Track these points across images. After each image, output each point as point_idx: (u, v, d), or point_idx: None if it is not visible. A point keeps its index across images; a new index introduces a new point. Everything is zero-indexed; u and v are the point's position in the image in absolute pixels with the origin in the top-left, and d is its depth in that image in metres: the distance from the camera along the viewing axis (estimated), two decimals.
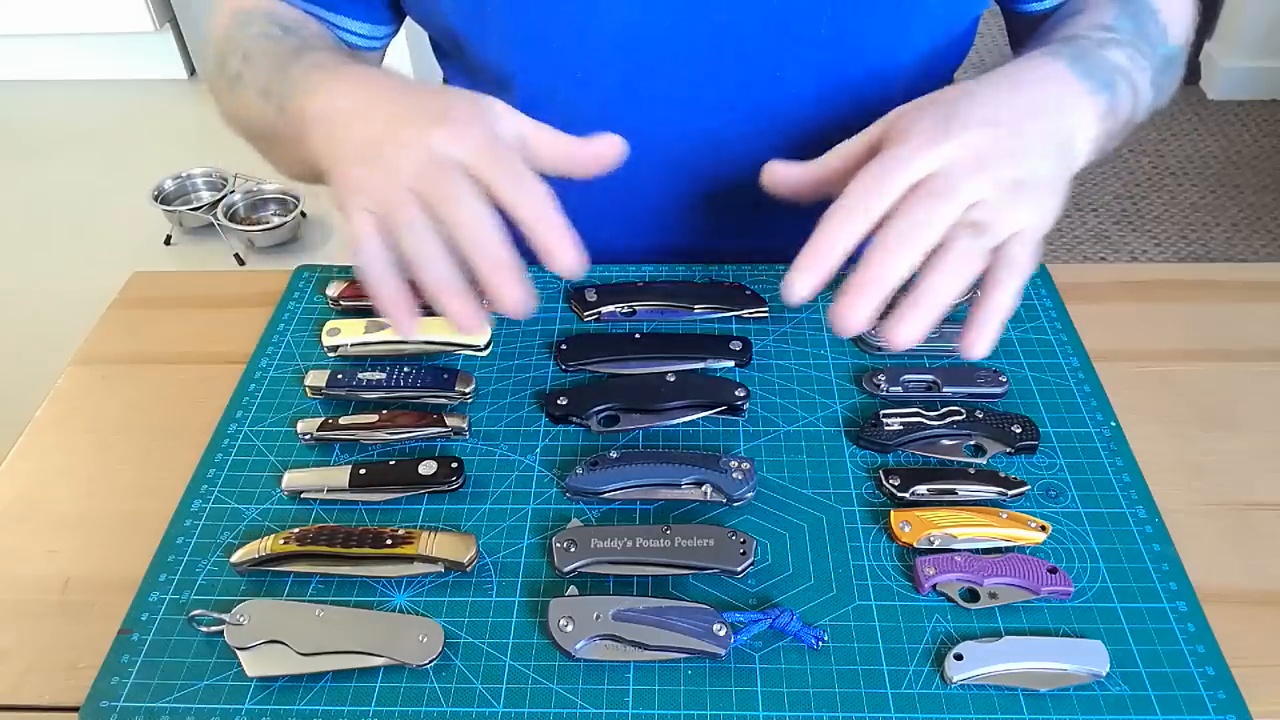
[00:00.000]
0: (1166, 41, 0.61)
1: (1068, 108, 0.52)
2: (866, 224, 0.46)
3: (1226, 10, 2.33)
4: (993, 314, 0.47)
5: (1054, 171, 0.50)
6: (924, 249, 0.45)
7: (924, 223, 0.45)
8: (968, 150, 0.47)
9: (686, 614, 0.47)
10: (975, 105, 0.50)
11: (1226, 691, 0.45)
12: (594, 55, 0.65)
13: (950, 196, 0.46)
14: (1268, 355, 0.64)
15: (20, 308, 1.97)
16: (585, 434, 0.58)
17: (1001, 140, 0.48)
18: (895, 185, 0.47)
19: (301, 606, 0.49)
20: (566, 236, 0.47)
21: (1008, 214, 0.47)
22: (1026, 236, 0.47)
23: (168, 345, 0.67)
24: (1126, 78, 0.57)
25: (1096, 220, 2.09)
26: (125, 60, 2.63)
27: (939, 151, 0.47)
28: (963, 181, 0.46)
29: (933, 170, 0.47)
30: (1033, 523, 0.52)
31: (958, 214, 0.46)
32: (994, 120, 0.49)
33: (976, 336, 0.47)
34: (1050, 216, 0.49)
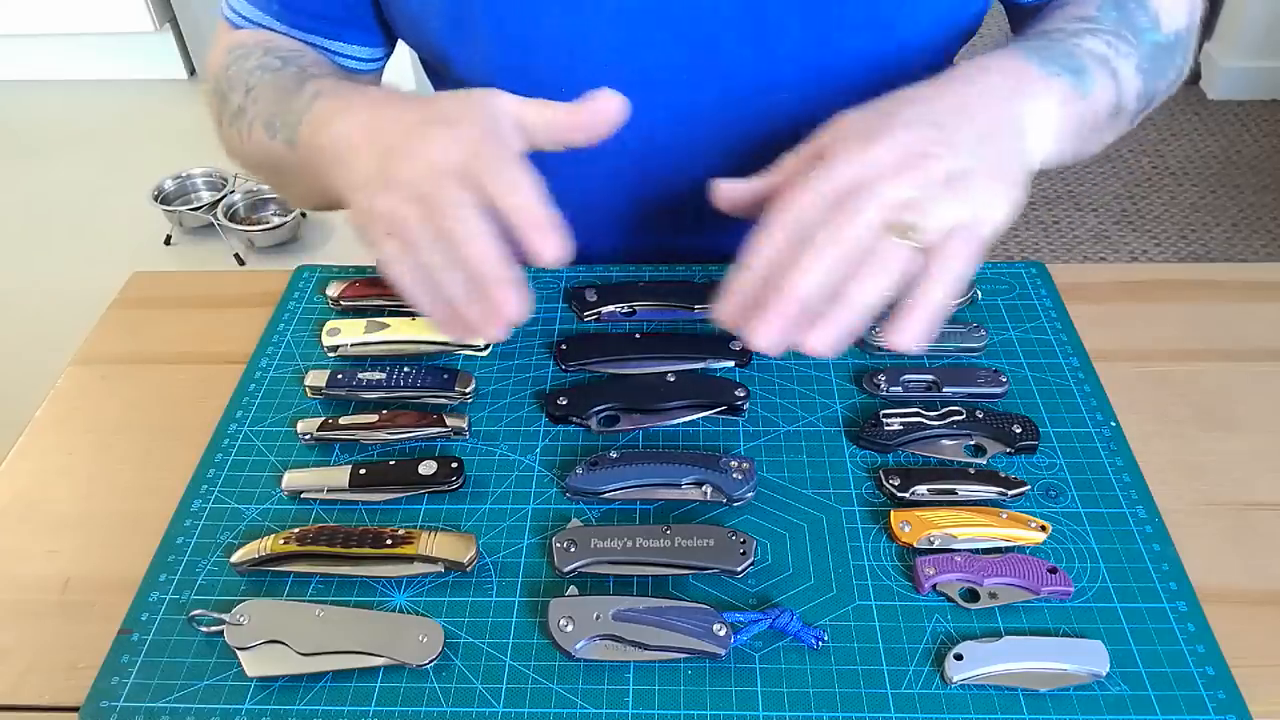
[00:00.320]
0: (1159, 29, 0.60)
1: (1020, 93, 0.51)
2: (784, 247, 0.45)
3: (1226, 10, 2.33)
4: (920, 306, 0.45)
5: (996, 162, 0.48)
6: (839, 260, 0.44)
7: (837, 234, 0.44)
8: (893, 152, 0.47)
9: (686, 614, 0.47)
10: (908, 106, 0.49)
11: (1226, 691, 0.45)
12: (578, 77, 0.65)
13: (869, 201, 0.45)
14: (1268, 355, 0.64)
15: (20, 308, 1.97)
16: (585, 434, 0.58)
17: (930, 137, 0.47)
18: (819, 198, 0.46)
19: (301, 606, 0.49)
20: (546, 224, 0.46)
21: (936, 210, 0.45)
22: (964, 231, 0.46)
23: (168, 345, 0.67)
24: (1104, 64, 0.56)
25: (1096, 220, 2.08)
26: (125, 60, 2.63)
27: (861, 160, 0.47)
28: (883, 185, 0.45)
29: (855, 179, 0.46)
30: (1033, 523, 0.52)
31: (874, 219, 0.45)
32: (923, 118, 0.48)
33: (900, 327, 0.45)
34: (996, 207, 0.47)
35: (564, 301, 0.67)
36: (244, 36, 0.68)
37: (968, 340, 0.62)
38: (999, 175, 0.48)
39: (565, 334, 0.65)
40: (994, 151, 0.49)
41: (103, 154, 2.41)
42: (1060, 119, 0.53)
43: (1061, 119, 0.53)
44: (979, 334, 0.62)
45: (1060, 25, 0.58)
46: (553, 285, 0.69)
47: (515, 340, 0.64)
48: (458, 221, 0.46)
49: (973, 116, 0.49)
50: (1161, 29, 0.61)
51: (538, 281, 0.69)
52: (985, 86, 0.51)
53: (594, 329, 0.65)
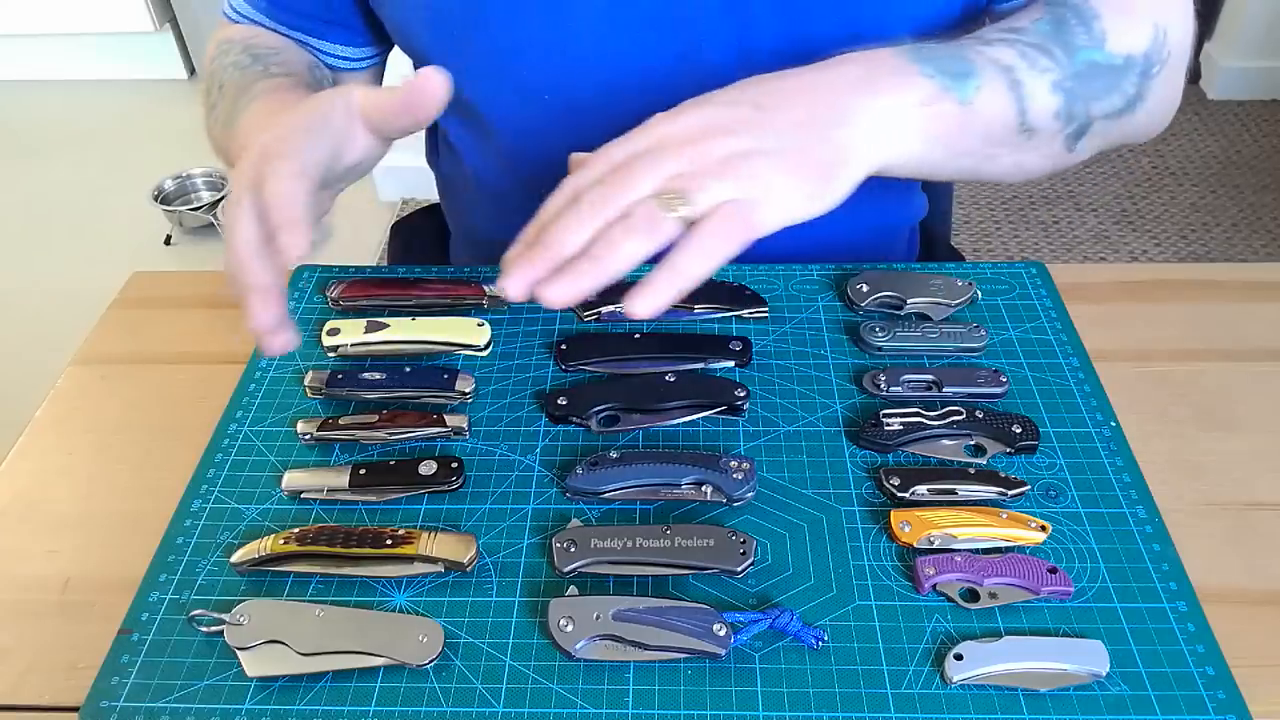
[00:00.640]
0: (1101, 48, 0.57)
1: (868, 87, 0.50)
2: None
3: (1226, 10, 2.33)
4: (664, 273, 0.44)
5: (799, 151, 0.47)
6: (601, 220, 0.45)
7: (598, 199, 0.45)
8: (687, 129, 0.47)
9: (686, 614, 0.47)
10: (749, 86, 0.50)
11: (1226, 691, 0.45)
12: (559, 81, 0.66)
13: (641, 170, 0.45)
14: (1268, 355, 0.64)
15: (20, 308, 1.97)
16: (585, 434, 0.58)
17: (736, 117, 0.47)
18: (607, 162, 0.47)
19: (301, 606, 0.49)
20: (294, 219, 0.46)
21: (707, 185, 0.45)
22: (731, 209, 0.45)
23: (168, 345, 0.67)
24: (1005, 73, 0.54)
25: (1096, 220, 2.08)
26: (125, 60, 2.63)
27: (658, 129, 0.47)
28: (661, 155, 0.46)
29: (643, 147, 0.47)
30: (1033, 523, 0.52)
31: (648, 188, 0.45)
32: (742, 99, 0.48)
33: (638, 293, 0.44)
34: (781, 196, 0.47)
35: None
36: (233, 32, 0.70)
37: (968, 340, 0.62)
38: (798, 165, 0.47)
39: (565, 334, 0.65)
40: (806, 140, 0.48)
41: (103, 154, 2.41)
42: (920, 119, 0.51)
43: (924, 120, 0.51)
44: (979, 334, 0.62)
45: (981, 33, 0.57)
46: None
47: (515, 340, 0.65)
48: (232, 219, 0.48)
49: (797, 103, 0.49)
50: (1105, 48, 0.57)
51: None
52: (833, 76, 0.51)
53: (594, 329, 0.65)
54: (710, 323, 0.65)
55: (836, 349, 0.63)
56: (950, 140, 0.53)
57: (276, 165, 0.48)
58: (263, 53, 0.66)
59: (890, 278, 0.66)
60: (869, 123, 0.50)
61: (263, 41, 0.68)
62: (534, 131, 0.69)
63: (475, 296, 0.66)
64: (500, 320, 0.66)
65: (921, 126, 0.51)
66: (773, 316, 0.65)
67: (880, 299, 0.65)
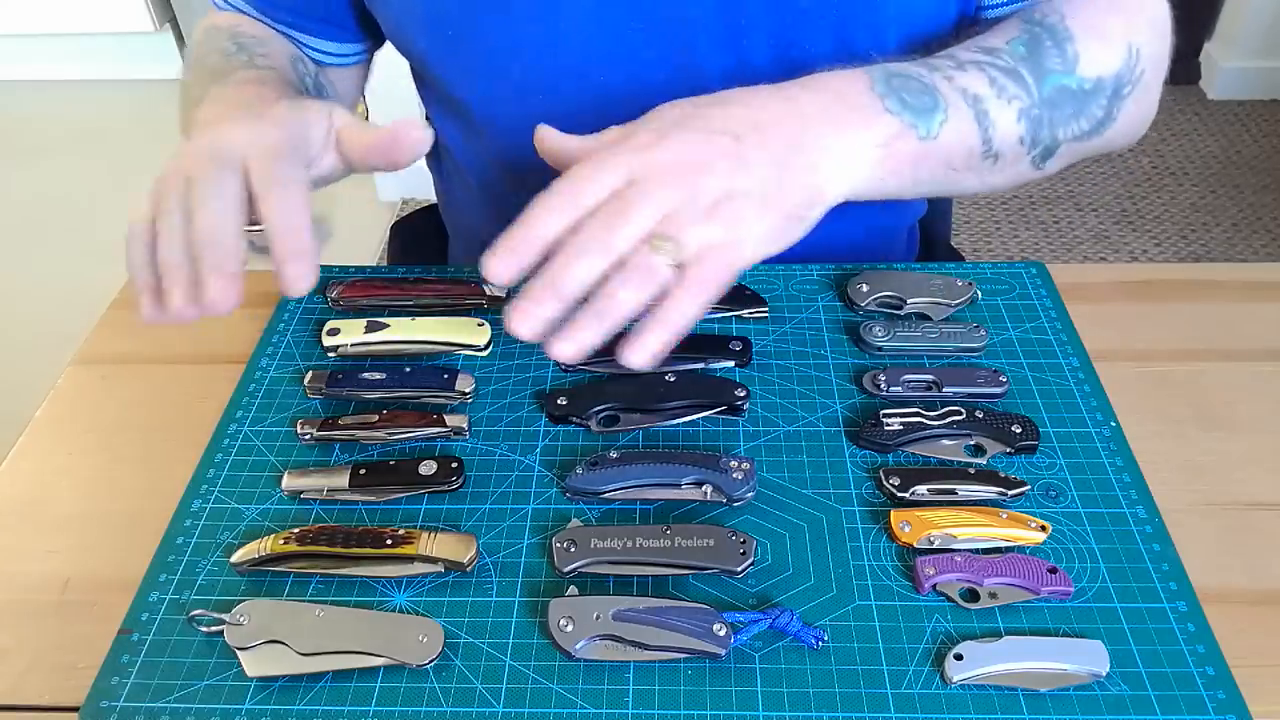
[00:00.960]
0: (1073, 73, 0.57)
1: (835, 122, 0.51)
2: (565, 220, 0.46)
3: (1226, 10, 2.33)
4: (658, 327, 0.45)
5: (772, 191, 0.48)
6: (605, 260, 0.45)
7: (605, 236, 0.45)
8: (675, 158, 0.47)
9: (686, 614, 0.47)
10: (718, 111, 0.49)
11: (1226, 691, 0.45)
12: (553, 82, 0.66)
13: (639, 207, 0.45)
14: (1268, 355, 0.63)
15: (20, 308, 1.97)
16: (585, 434, 0.58)
17: (718, 150, 0.47)
18: (597, 186, 0.46)
19: (301, 606, 0.49)
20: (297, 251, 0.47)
21: (696, 230, 0.46)
22: (715, 255, 0.46)
23: (168, 345, 0.67)
24: (973, 104, 0.54)
25: (1096, 220, 2.08)
26: (125, 60, 2.63)
27: (646, 157, 0.47)
28: (656, 192, 0.46)
29: (634, 173, 0.46)
30: (1033, 523, 0.52)
31: (643, 228, 0.45)
32: (724, 129, 0.48)
33: (635, 346, 0.45)
34: (757, 238, 0.48)
35: None
36: (221, 19, 0.69)
37: (968, 340, 0.62)
38: (775, 204, 0.48)
39: None
40: (777, 178, 0.48)
41: (103, 154, 2.41)
42: (879, 157, 0.52)
43: (881, 157, 0.52)
44: (979, 334, 0.62)
45: (956, 53, 0.57)
46: None
47: (515, 340, 0.64)
48: (205, 197, 0.47)
49: (773, 138, 0.49)
50: (1076, 72, 0.57)
51: None
52: (805, 106, 0.51)
53: None
54: (710, 323, 0.65)
55: (836, 349, 0.63)
56: (911, 172, 0.54)
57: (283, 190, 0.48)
58: (248, 42, 0.66)
59: (890, 278, 0.66)
60: (833, 160, 0.51)
61: (249, 31, 0.68)
62: (529, 132, 0.69)
63: (475, 296, 0.66)
64: (500, 320, 0.65)
65: (880, 163, 0.52)
66: (773, 316, 0.65)
67: (880, 299, 0.65)
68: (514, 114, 0.68)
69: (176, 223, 0.48)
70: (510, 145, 0.70)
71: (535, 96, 0.66)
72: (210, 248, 0.47)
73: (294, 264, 0.47)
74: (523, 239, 0.46)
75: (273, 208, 0.47)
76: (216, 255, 0.47)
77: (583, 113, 0.66)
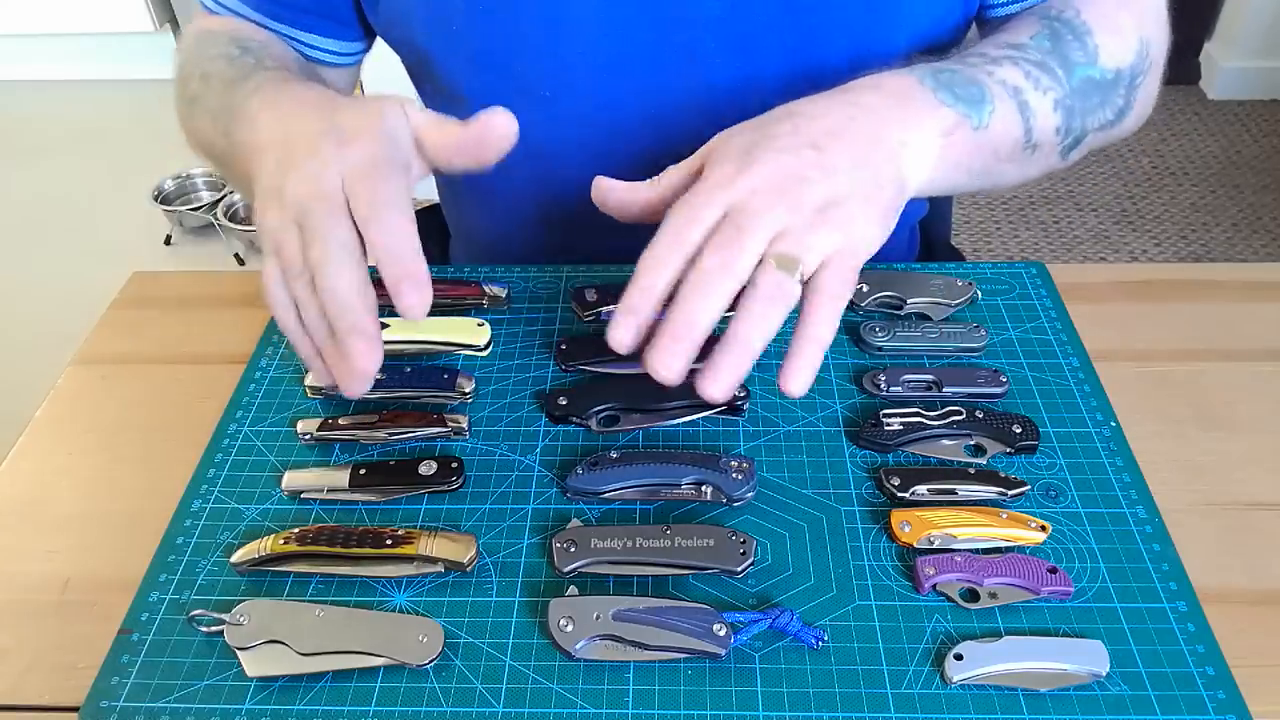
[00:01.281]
0: (1096, 64, 0.59)
1: (901, 119, 0.51)
2: (676, 269, 0.45)
3: (1226, 10, 2.33)
4: (809, 346, 0.45)
5: (869, 188, 0.48)
6: (729, 291, 0.44)
7: (723, 266, 0.44)
8: (768, 179, 0.46)
9: (686, 614, 0.47)
10: (786, 127, 0.49)
11: (1226, 691, 0.45)
12: (559, 78, 0.65)
13: (750, 233, 0.45)
14: (1268, 355, 0.63)
15: (20, 308, 1.97)
16: (585, 434, 0.58)
17: (805, 162, 0.47)
18: (699, 227, 0.46)
19: (301, 606, 0.49)
20: (411, 276, 0.45)
21: (813, 241, 0.45)
22: (838, 261, 0.46)
23: (168, 345, 0.67)
24: (1014, 95, 0.55)
25: (1096, 220, 2.09)
26: (125, 60, 2.64)
27: (737, 186, 0.46)
28: (762, 214, 0.45)
29: (732, 204, 0.46)
30: (1033, 523, 0.52)
31: (760, 248, 0.45)
32: (800, 142, 0.48)
33: (795, 371, 0.45)
34: (868, 236, 0.47)
35: (564, 301, 0.67)
36: (215, 23, 0.68)
37: (968, 340, 0.62)
38: (872, 202, 0.48)
39: (565, 334, 0.65)
40: (868, 176, 0.48)
41: (103, 154, 2.41)
42: (941, 148, 0.52)
43: (943, 148, 0.52)
44: (979, 334, 0.62)
45: (985, 49, 0.58)
46: (553, 285, 0.69)
47: (515, 340, 0.65)
48: (325, 255, 0.45)
49: (850, 139, 0.49)
50: (1099, 63, 0.59)
51: (538, 281, 0.69)
52: (867, 107, 0.51)
53: (594, 329, 0.65)
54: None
55: (836, 349, 0.63)
56: (968, 163, 0.54)
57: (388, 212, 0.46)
58: (252, 45, 0.64)
59: (890, 278, 0.66)
60: (909, 153, 0.51)
61: (249, 34, 0.66)
62: (534, 132, 0.68)
63: (475, 296, 0.66)
64: (500, 320, 0.66)
65: (943, 154, 0.52)
66: None
67: (880, 299, 0.65)
68: (516, 111, 0.68)
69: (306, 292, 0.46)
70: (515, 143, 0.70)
71: (540, 96, 0.66)
72: (342, 313, 0.45)
73: (409, 289, 0.45)
74: (639, 298, 0.45)
75: (380, 232, 0.45)
76: (350, 318, 0.45)
77: (588, 114, 0.67)
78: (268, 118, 0.52)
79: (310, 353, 0.49)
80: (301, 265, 0.46)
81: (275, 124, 0.52)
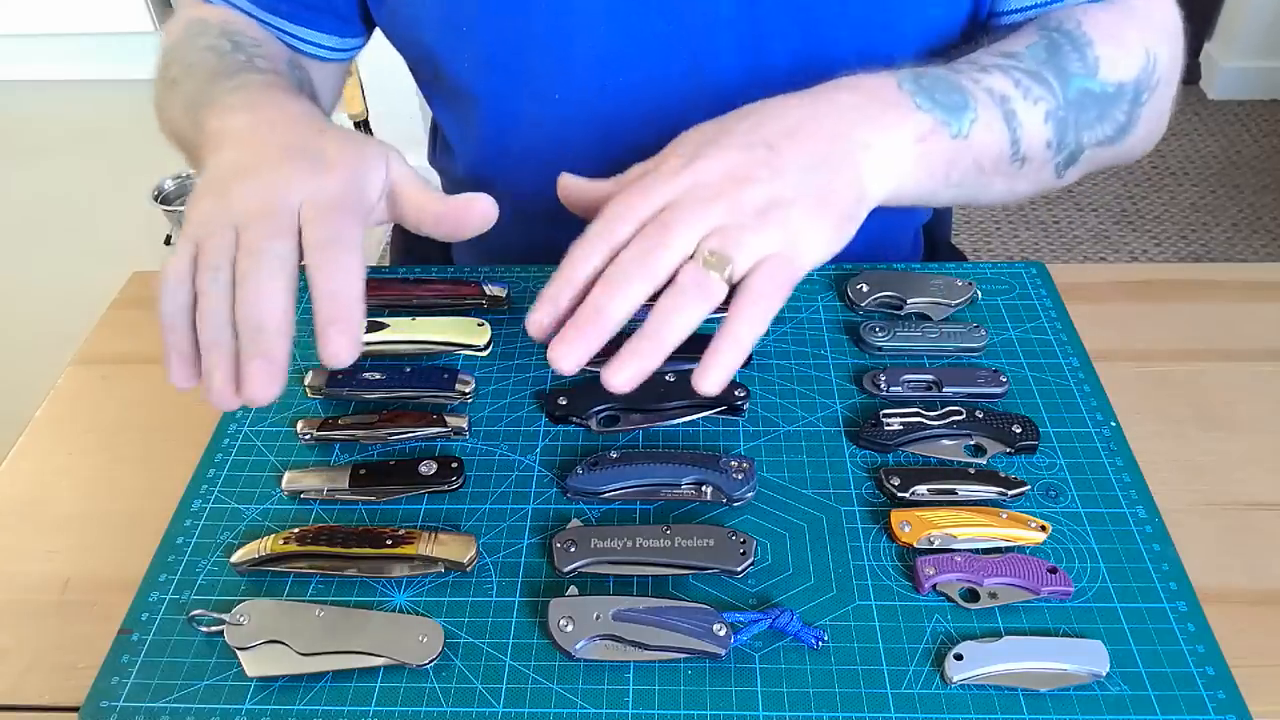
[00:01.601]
0: (1095, 76, 0.57)
1: (869, 120, 0.49)
2: (602, 261, 0.44)
3: (1226, 10, 2.33)
4: (727, 345, 0.43)
5: (823, 192, 0.47)
6: (642, 286, 0.43)
7: (640, 259, 0.43)
8: (712, 174, 0.45)
9: (686, 614, 0.47)
10: (746, 124, 0.48)
11: (1226, 691, 0.45)
12: (568, 78, 0.65)
13: (680, 227, 0.44)
14: (1268, 355, 0.64)
15: (20, 308, 1.97)
16: (585, 434, 0.58)
17: (754, 160, 0.46)
18: (632, 220, 0.44)
19: (301, 606, 0.49)
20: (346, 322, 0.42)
21: (748, 241, 0.44)
22: (773, 263, 0.44)
23: None
24: (1000, 103, 0.54)
25: (1096, 220, 2.09)
26: (125, 60, 2.63)
27: (681, 178, 0.45)
28: (696, 209, 0.44)
29: (671, 198, 0.45)
30: (1033, 523, 0.52)
31: (687, 246, 0.44)
32: (754, 140, 0.47)
33: (706, 369, 0.43)
34: (813, 241, 0.46)
35: None
36: (207, 13, 0.66)
37: (968, 340, 0.62)
38: (822, 206, 0.47)
39: None
40: (823, 180, 0.47)
41: (103, 154, 2.41)
42: (915, 155, 0.51)
43: (917, 155, 0.51)
44: (979, 334, 0.62)
45: (978, 57, 0.57)
46: None
47: (515, 340, 0.64)
48: (257, 268, 0.42)
49: (808, 139, 0.48)
50: (1098, 76, 0.57)
51: (538, 281, 0.69)
52: (837, 105, 0.50)
53: None
54: (711, 323, 0.65)
55: (836, 349, 0.63)
56: (945, 172, 0.53)
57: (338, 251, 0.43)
58: (244, 41, 0.62)
59: (890, 278, 0.66)
60: (872, 160, 0.49)
61: (242, 29, 0.64)
62: (541, 131, 0.68)
63: (475, 296, 0.66)
64: (500, 320, 0.66)
65: (917, 161, 0.51)
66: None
67: (880, 299, 0.65)
68: (524, 109, 0.67)
69: (221, 290, 0.43)
70: (517, 140, 0.70)
71: (547, 92, 0.66)
72: (257, 333, 0.42)
73: (338, 334, 0.42)
74: (561, 286, 0.44)
75: (323, 270, 0.43)
76: (262, 341, 0.42)
77: (595, 113, 0.66)
78: (244, 115, 0.51)
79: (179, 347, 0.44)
80: (221, 264, 0.43)
81: (247, 124, 0.50)
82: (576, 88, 0.66)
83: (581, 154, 0.69)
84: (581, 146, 0.68)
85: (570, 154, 0.69)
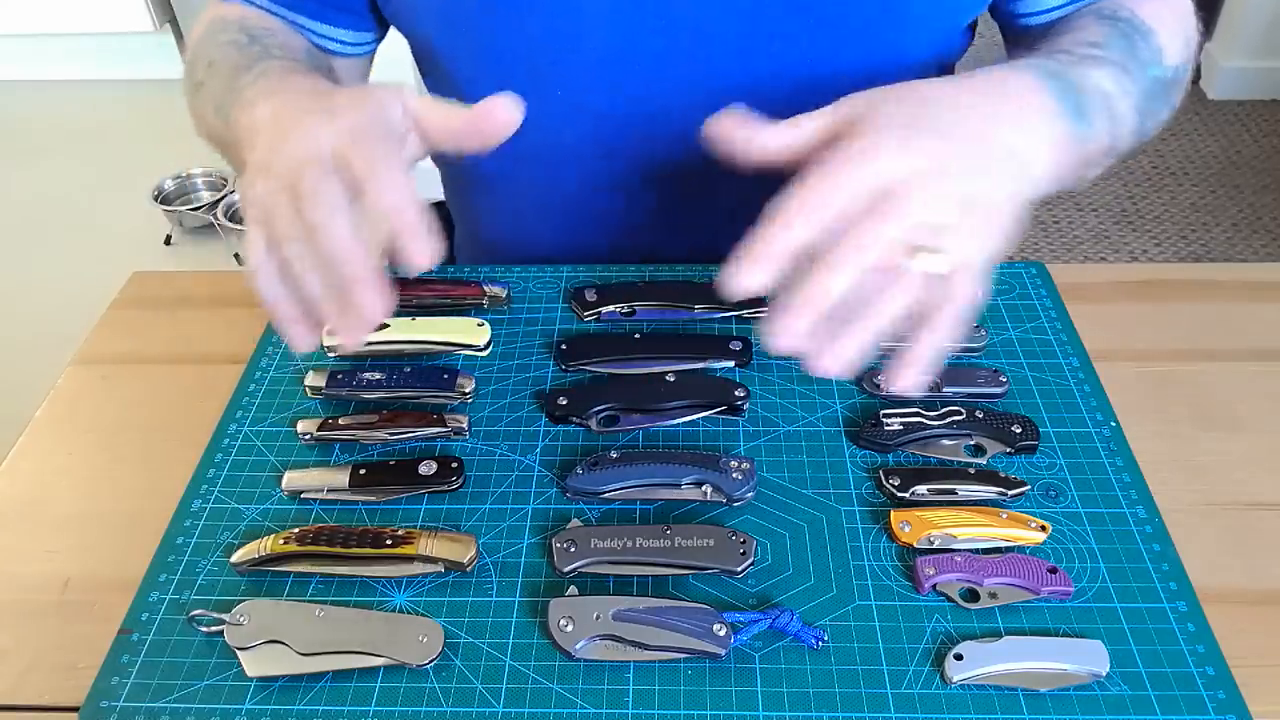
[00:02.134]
0: (1161, 63, 0.58)
1: (1032, 125, 0.49)
2: (814, 227, 0.43)
3: (1226, 10, 2.33)
4: (929, 349, 0.43)
5: (1009, 192, 0.47)
6: (865, 268, 0.42)
7: (869, 241, 0.43)
8: (928, 160, 0.45)
9: (686, 614, 0.47)
10: (941, 109, 0.47)
11: (1226, 691, 0.45)
12: (568, 74, 0.65)
13: (901, 213, 0.43)
14: (1268, 355, 0.63)
15: (20, 308, 1.97)
16: (585, 434, 0.58)
17: (963, 152, 0.45)
18: (852, 189, 0.44)
19: (301, 606, 0.49)
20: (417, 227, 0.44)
21: (960, 240, 0.43)
22: (971, 267, 0.44)
23: (168, 345, 0.67)
24: (1106, 103, 0.54)
25: (1096, 220, 2.08)
26: (125, 60, 2.63)
27: (899, 160, 0.44)
28: (917, 196, 0.43)
29: (890, 178, 0.44)
30: (1033, 523, 0.52)
31: (904, 235, 0.43)
32: (957, 129, 0.46)
33: (907, 371, 0.43)
34: (999, 243, 0.46)
35: (564, 301, 0.67)
36: (226, 11, 0.67)
37: (968, 340, 0.62)
38: (1007, 206, 0.47)
39: (565, 334, 0.65)
40: (1010, 180, 0.47)
41: (103, 154, 2.41)
42: (1058, 160, 0.51)
43: (1053, 159, 0.51)
44: (979, 334, 0.62)
45: (1068, 48, 0.56)
46: (553, 285, 0.69)
47: (515, 340, 0.64)
48: (319, 212, 0.44)
49: (992, 140, 0.47)
50: (1164, 62, 0.59)
51: (538, 281, 0.69)
52: (1004, 109, 0.49)
53: (594, 329, 0.65)
54: (710, 323, 0.65)
55: None
56: (1056, 174, 0.53)
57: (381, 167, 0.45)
58: (260, 34, 0.63)
59: None
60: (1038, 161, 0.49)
61: (260, 23, 0.66)
62: (546, 129, 0.68)
63: (475, 296, 0.66)
64: (500, 320, 0.66)
65: (1058, 161, 0.51)
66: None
67: None
68: (530, 108, 0.67)
69: (302, 250, 0.45)
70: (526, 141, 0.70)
71: (548, 92, 0.66)
72: (345, 265, 0.44)
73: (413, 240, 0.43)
74: (772, 246, 0.43)
75: (380, 188, 0.44)
76: (353, 268, 0.44)
77: (596, 111, 0.66)
78: (265, 103, 0.52)
79: (292, 315, 0.47)
80: (293, 228, 0.45)
81: (271, 109, 0.52)
82: (576, 85, 0.66)
83: (582, 151, 0.69)
84: (582, 143, 0.68)
85: (571, 151, 0.69)
